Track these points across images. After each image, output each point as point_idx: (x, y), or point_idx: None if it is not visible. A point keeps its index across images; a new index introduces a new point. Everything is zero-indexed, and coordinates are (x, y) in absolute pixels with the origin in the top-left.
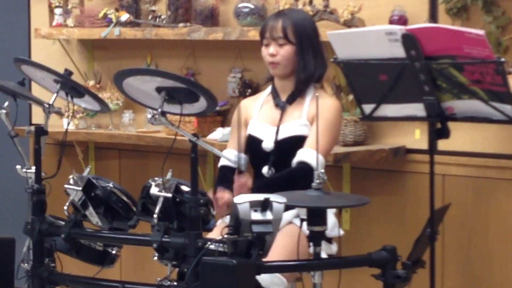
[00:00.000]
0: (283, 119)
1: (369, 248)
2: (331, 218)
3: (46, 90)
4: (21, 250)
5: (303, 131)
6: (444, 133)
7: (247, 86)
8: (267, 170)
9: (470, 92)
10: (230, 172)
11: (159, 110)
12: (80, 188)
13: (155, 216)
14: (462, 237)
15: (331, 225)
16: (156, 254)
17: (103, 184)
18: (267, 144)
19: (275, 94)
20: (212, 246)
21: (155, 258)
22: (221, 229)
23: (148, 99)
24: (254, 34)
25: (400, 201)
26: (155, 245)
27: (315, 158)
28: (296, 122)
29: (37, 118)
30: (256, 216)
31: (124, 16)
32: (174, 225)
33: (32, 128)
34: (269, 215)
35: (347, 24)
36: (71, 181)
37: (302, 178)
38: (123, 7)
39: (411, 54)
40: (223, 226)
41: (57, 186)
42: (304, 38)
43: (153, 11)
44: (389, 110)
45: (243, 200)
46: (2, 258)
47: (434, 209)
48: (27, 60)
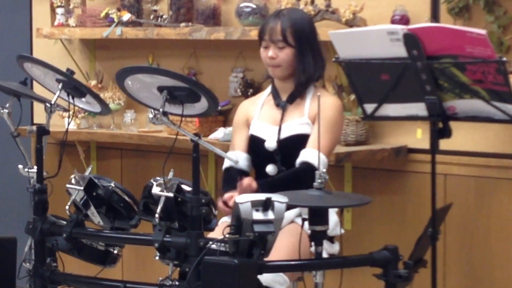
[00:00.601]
0: (285, 118)
1: (371, 247)
2: (333, 217)
3: (48, 91)
4: (23, 250)
5: (305, 129)
6: (445, 133)
7: (248, 85)
8: (272, 169)
9: (472, 91)
10: (235, 173)
11: (161, 110)
12: (82, 188)
13: (157, 215)
14: (463, 236)
15: (333, 224)
16: (158, 254)
17: (105, 184)
18: (270, 143)
19: (275, 94)
20: (213, 246)
21: (157, 257)
22: (222, 228)
23: (149, 98)
24: (256, 34)
25: (401, 200)
26: (156, 245)
27: (317, 158)
28: (298, 121)
29: (39, 118)
30: (257, 215)
31: (126, 16)
32: (175, 225)
33: (34, 128)
34: (270, 215)
35: (349, 23)
36: (73, 181)
37: (306, 178)
38: (125, 6)
39: (413, 53)
40: (224, 225)
41: (59, 185)
42: (304, 40)
43: (155, 10)
44: (390, 109)
45: (244, 199)
46: (4, 257)
47: (435, 208)
48: (30, 57)
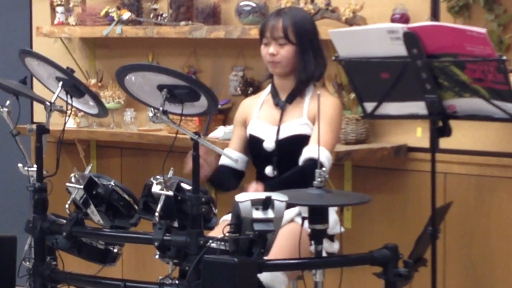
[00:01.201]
0: (284, 118)
1: (371, 246)
2: (332, 215)
3: (48, 89)
4: (22, 248)
5: (304, 130)
6: (445, 132)
7: (248, 84)
8: (270, 170)
9: (472, 90)
10: (227, 170)
11: (161, 108)
12: (82, 187)
13: (157, 214)
14: (463, 235)
15: (333, 222)
16: (158, 253)
17: (105, 183)
18: (268, 144)
19: (274, 93)
20: (213, 245)
21: (157, 256)
22: (222, 227)
23: (149, 97)
24: (256, 33)
25: (401, 199)
26: (156, 244)
27: (322, 154)
28: (297, 121)
29: (39, 116)
30: (257, 214)
31: (126, 15)
32: (175, 223)
33: (34, 126)
34: (270, 214)
35: (349, 22)
36: (73, 180)
37: (312, 174)
38: (125, 5)
39: (413, 52)
40: (224, 224)
41: (58, 184)
42: (305, 38)
43: (155, 9)
44: (390, 108)
45: (244, 198)
46: (4, 256)
47: (435, 207)
48: (32, 52)
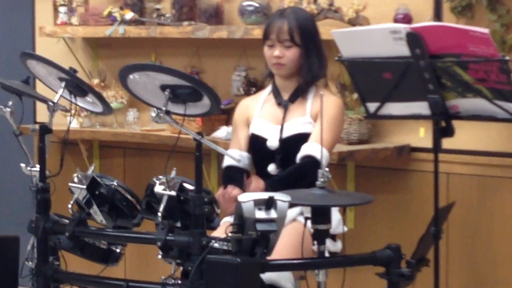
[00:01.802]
0: (287, 117)
1: (374, 246)
2: (336, 215)
3: (50, 89)
4: (25, 249)
5: (308, 128)
6: (448, 132)
7: (251, 84)
8: (273, 168)
9: (475, 90)
10: (236, 172)
11: (164, 108)
12: (85, 187)
13: (159, 214)
14: (466, 235)
15: (336, 222)
16: (160, 253)
17: (108, 183)
18: (272, 142)
19: (276, 93)
20: (216, 245)
21: (159, 256)
22: (225, 227)
23: (152, 97)
24: (259, 33)
25: (404, 199)
26: (159, 244)
27: (319, 152)
28: (300, 120)
29: (42, 116)
30: (260, 214)
31: (129, 15)
32: (178, 224)
33: (37, 126)
34: (273, 214)
35: (352, 22)
36: (76, 180)
37: (309, 171)
38: (128, 5)
39: (416, 52)
40: (227, 224)
41: (61, 184)
42: (309, 39)
43: (158, 9)
44: (393, 108)
45: (247, 198)
46: (7, 256)
47: (438, 207)
48: (33, 55)
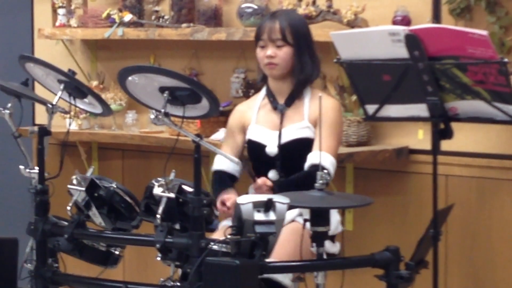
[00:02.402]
0: (284, 122)
1: (372, 248)
2: (335, 216)
3: (49, 91)
4: (24, 251)
5: (306, 133)
6: (447, 134)
7: (250, 86)
8: (274, 175)
9: (473, 92)
10: (226, 176)
11: (163, 110)
12: (84, 189)
13: (158, 216)
14: (465, 237)
15: (335, 223)
16: (159, 255)
17: (106, 185)
18: (271, 149)
19: (271, 97)
20: (215, 247)
21: (158, 258)
22: (224, 230)
23: (151, 99)
24: None
25: (403, 201)
26: (158, 246)
27: (326, 160)
28: (298, 125)
29: (41, 118)
30: (259, 216)
31: (128, 17)
32: (177, 226)
33: (36, 128)
34: (272, 216)
35: (351, 24)
36: (74, 182)
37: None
38: (127, 7)
39: (415, 54)
40: (224, 229)
41: (60, 186)
42: (301, 39)
43: (156, 11)
44: (392, 110)
45: (246, 200)
46: (5, 258)
47: (437, 209)
48: (32, 58)
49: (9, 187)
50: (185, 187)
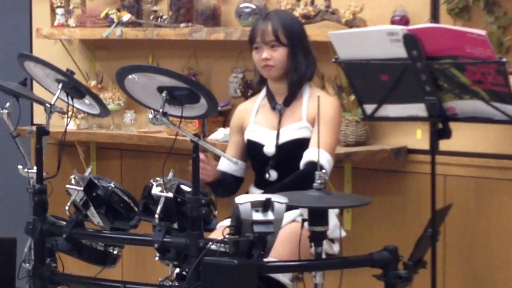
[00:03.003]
0: (282, 122)
1: (371, 248)
2: (332, 219)
3: (48, 91)
4: (22, 250)
5: (304, 133)
6: (445, 134)
7: (248, 86)
8: (273, 174)
9: (472, 92)
10: (227, 177)
11: (161, 110)
12: (82, 188)
13: (157, 216)
14: (463, 237)
15: (333, 226)
16: (158, 254)
17: (105, 184)
18: (269, 148)
19: (270, 97)
20: (213, 246)
21: (157, 258)
22: (222, 229)
23: (149, 99)
24: None
25: (401, 201)
26: (156, 245)
27: (322, 157)
28: (296, 125)
29: (39, 118)
30: (257, 216)
31: (126, 16)
32: (175, 225)
33: (34, 128)
34: (270, 215)
35: (349, 24)
36: (73, 181)
37: (313, 178)
38: (125, 7)
39: (413, 54)
40: (223, 229)
41: (58, 186)
42: (295, 39)
43: (155, 11)
44: (390, 110)
45: (244, 200)
46: (4, 258)
47: (435, 209)
48: (31, 56)
49: (7, 186)
50: (183, 187)
